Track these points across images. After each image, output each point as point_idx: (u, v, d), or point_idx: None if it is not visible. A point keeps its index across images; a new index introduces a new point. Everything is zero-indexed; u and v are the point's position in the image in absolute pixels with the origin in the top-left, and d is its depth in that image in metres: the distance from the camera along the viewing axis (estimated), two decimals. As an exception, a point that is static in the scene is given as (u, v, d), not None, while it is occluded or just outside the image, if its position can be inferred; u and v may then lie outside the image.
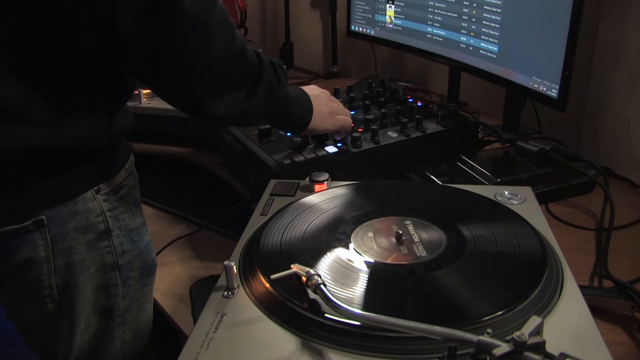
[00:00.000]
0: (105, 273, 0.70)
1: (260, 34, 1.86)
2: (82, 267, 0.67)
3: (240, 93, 0.70)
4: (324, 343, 0.47)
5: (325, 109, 0.89)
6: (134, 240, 0.72)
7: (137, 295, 0.76)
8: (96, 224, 0.67)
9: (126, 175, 0.72)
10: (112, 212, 0.69)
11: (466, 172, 0.94)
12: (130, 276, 0.73)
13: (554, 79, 0.95)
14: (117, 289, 0.72)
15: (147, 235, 0.76)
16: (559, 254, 0.60)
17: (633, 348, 0.62)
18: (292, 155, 0.89)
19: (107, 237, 0.68)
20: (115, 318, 0.74)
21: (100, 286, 0.70)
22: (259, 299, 0.53)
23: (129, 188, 0.72)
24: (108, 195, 0.68)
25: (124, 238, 0.71)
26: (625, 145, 1.06)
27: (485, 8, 1.09)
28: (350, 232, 0.63)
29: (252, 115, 0.74)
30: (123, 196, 0.71)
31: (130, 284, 0.74)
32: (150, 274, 0.78)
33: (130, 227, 0.72)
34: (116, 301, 0.73)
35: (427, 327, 0.43)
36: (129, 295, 0.74)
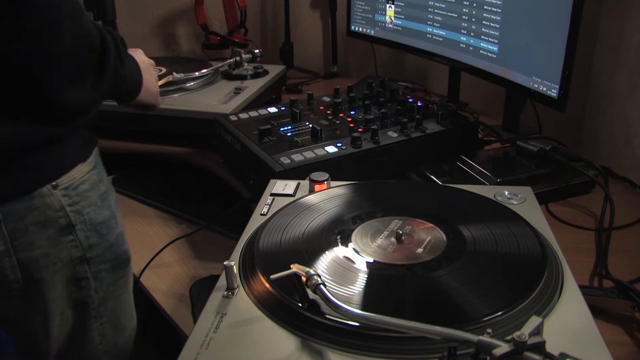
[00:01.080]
0: (74, 267, 0.71)
1: (260, 34, 1.86)
2: (46, 262, 0.68)
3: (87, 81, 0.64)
4: (324, 343, 0.47)
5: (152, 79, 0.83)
6: (101, 234, 0.73)
7: (112, 288, 0.76)
8: (56, 219, 0.67)
9: (88, 169, 0.72)
10: (73, 207, 0.69)
11: (466, 172, 0.94)
12: (102, 269, 0.74)
13: (554, 79, 0.95)
14: (89, 282, 0.73)
15: (117, 228, 0.76)
16: (559, 254, 0.60)
17: (633, 348, 0.62)
18: (292, 155, 0.89)
19: (70, 232, 0.69)
20: (90, 311, 0.74)
21: (70, 280, 0.71)
22: (259, 299, 0.53)
23: (92, 182, 0.72)
24: (67, 191, 0.68)
25: (90, 232, 0.71)
26: (625, 145, 1.06)
27: (485, 8, 1.09)
28: (350, 232, 0.63)
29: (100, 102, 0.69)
30: (86, 190, 0.71)
31: (103, 277, 0.74)
32: (123, 266, 0.78)
33: (96, 221, 0.72)
34: (89, 294, 0.73)
35: (427, 327, 0.43)
36: (103, 288, 0.75)
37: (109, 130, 1.26)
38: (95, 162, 0.74)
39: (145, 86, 0.79)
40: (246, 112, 1.09)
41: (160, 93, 1.23)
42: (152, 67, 0.85)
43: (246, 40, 1.69)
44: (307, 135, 0.97)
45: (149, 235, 1.06)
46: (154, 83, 0.83)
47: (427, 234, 0.62)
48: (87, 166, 0.72)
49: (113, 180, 1.26)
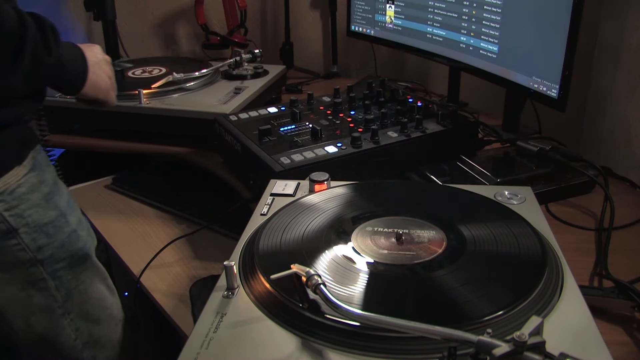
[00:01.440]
0: (27, 270, 0.71)
1: (260, 34, 1.86)
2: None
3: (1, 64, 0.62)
4: (324, 343, 0.47)
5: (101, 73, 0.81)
6: (49, 234, 0.73)
7: (74, 284, 0.77)
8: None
9: (24, 172, 0.71)
10: (11, 212, 0.68)
11: (466, 172, 0.94)
12: (58, 268, 0.74)
13: (554, 79, 0.95)
14: (47, 283, 0.73)
15: (68, 226, 0.76)
16: (559, 254, 0.60)
17: (633, 348, 0.62)
18: (292, 155, 0.89)
19: (13, 236, 0.69)
20: (56, 310, 0.75)
21: (26, 283, 0.71)
22: (259, 299, 0.53)
23: (30, 185, 0.71)
24: (2, 196, 0.68)
25: (36, 234, 0.71)
26: (625, 145, 1.06)
27: (485, 8, 1.09)
28: (350, 232, 0.63)
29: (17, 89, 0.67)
30: (24, 193, 0.70)
31: (62, 275, 0.75)
32: (82, 261, 0.78)
33: (42, 222, 0.72)
34: (51, 294, 0.74)
35: (427, 327, 0.43)
36: (64, 285, 0.75)
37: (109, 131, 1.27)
38: (32, 164, 0.72)
39: (93, 80, 0.77)
40: (246, 112, 1.09)
41: (160, 93, 1.24)
42: (105, 64, 0.83)
43: (246, 40, 1.69)
44: (307, 135, 0.97)
45: (149, 235, 1.06)
46: (105, 79, 0.81)
47: (427, 234, 0.62)
48: (24, 169, 0.71)
49: (113, 180, 1.26)
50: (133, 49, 1.77)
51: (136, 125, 1.22)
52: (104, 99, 0.82)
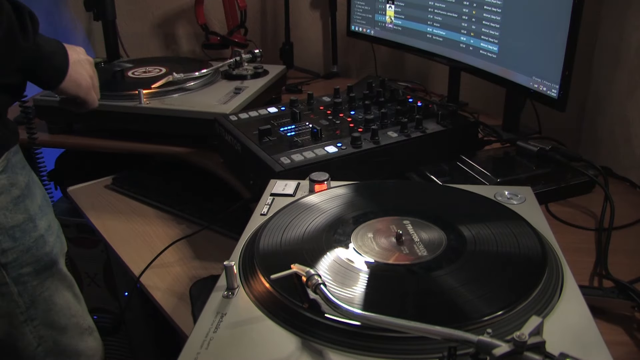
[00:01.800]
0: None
1: (260, 34, 1.86)
2: None
3: None
4: (324, 343, 0.47)
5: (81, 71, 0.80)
6: (15, 238, 0.72)
7: (39, 290, 0.75)
8: None
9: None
10: None
11: (466, 172, 0.94)
12: (23, 273, 0.73)
13: (554, 79, 0.95)
14: (9, 288, 0.72)
15: (36, 231, 0.75)
16: (559, 254, 0.60)
17: (633, 348, 0.62)
18: (292, 155, 0.89)
19: None
20: (18, 316, 0.74)
21: None
22: (259, 299, 0.53)
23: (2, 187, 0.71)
24: None
25: (1, 236, 0.70)
26: (625, 145, 1.06)
27: (485, 8, 1.09)
28: (350, 232, 0.63)
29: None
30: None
31: (26, 281, 0.73)
32: (48, 267, 0.77)
33: (8, 225, 0.71)
34: (12, 299, 0.72)
35: (427, 327, 0.43)
36: (28, 291, 0.74)
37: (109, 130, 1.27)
38: (4, 166, 0.72)
39: (73, 77, 0.77)
40: (246, 112, 1.09)
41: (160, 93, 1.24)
42: (88, 63, 0.82)
43: (246, 40, 1.70)
44: (307, 135, 0.97)
45: (149, 235, 1.06)
46: (86, 77, 0.81)
47: (427, 234, 0.62)
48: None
49: (113, 180, 1.26)
50: (133, 49, 1.77)
51: (136, 125, 1.22)
52: (84, 98, 0.82)
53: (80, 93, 0.80)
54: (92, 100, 0.83)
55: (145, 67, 1.41)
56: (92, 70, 0.83)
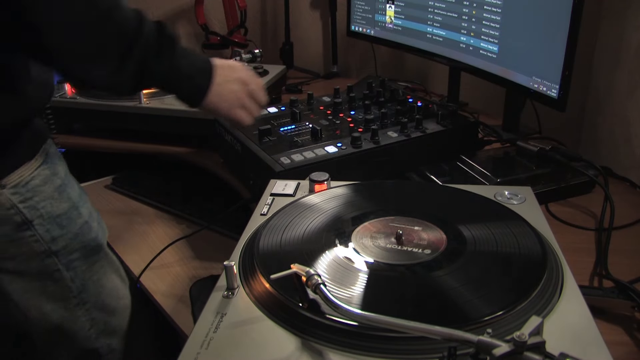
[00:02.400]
0: (42, 261, 0.73)
1: (260, 34, 1.86)
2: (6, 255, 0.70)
3: (107, 63, 0.64)
4: (324, 343, 0.47)
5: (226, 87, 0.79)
6: (62, 226, 0.74)
7: (89, 274, 0.79)
8: (9, 216, 0.69)
9: (37, 165, 0.73)
10: (26, 203, 0.70)
11: (466, 172, 0.94)
12: (73, 259, 0.76)
13: (554, 79, 0.95)
14: (62, 274, 0.75)
15: (80, 217, 0.78)
16: (559, 254, 0.60)
17: (633, 348, 0.62)
18: (292, 155, 0.89)
19: (28, 227, 0.71)
20: (71, 300, 0.77)
21: (42, 274, 0.73)
22: (259, 299, 0.53)
23: (44, 177, 0.73)
24: (17, 188, 0.69)
25: (50, 225, 0.73)
26: (625, 145, 1.06)
27: (485, 8, 1.09)
28: (350, 232, 0.63)
29: (124, 87, 0.68)
30: (38, 185, 0.72)
31: (76, 266, 0.77)
32: (96, 252, 0.80)
33: (55, 214, 0.73)
34: (66, 285, 0.76)
35: (427, 327, 0.43)
36: (79, 276, 0.77)
37: (109, 130, 1.27)
38: (45, 157, 0.75)
39: (214, 97, 0.76)
40: (246, 112, 1.08)
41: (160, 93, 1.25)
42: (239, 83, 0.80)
43: (246, 40, 1.69)
44: (307, 135, 0.97)
45: (149, 235, 1.06)
46: (230, 98, 0.79)
47: (427, 234, 0.62)
48: (36, 162, 0.73)
49: (113, 180, 1.26)
50: (133, 49, 1.77)
51: (136, 125, 1.22)
52: (226, 116, 0.81)
53: (221, 112, 0.80)
54: (236, 119, 0.81)
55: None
56: (241, 89, 0.81)
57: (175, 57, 0.70)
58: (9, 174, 0.69)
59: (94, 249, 0.80)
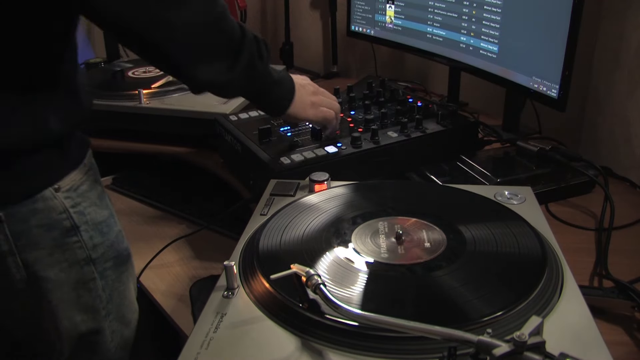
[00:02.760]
0: (81, 268, 0.71)
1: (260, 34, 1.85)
2: (51, 261, 0.68)
3: (222, 62, 0.71)
4: (324, 343, 0.47)
5: (308, 99, 0.88)
6: (103, 233, 0.74)
7: (117, 285, 0.77)
8: (60, 221, 0.68)
9: (85, 170, 0.73)
10: (75, 209, 0.70)
11: (466, 172, 0.94)
12: (106, 267, 0.75)
13: (554, 79, 0.95)
14: (96, 283, 0.74)
15: (116, 226, 0.77)
16: (559, 254, 0.60)
17: (633, 348, 0.62)
18: (292, 155, 0.89)
19: (75, 233, 0.70)
20: (101, 311, 0.75)
21: (79, 282, 0.72)
22: (259, 299, 0.53)
23: (90, 183, 0.73)
24: (69, 193, 0.69)
25: (93, 232, 0.72)
26: (625, 145, 1.06)
27: (485, 8, 1.09)
28: (350, 232, 0.63)
29: (232, 87, 0.76)
30: (85, 191, 0.72)
31: (108, 275, 0.75)
32: (124, 262, 0.79)
33: (97, 221, 0.73)
34: (97, 294, 0.74)
35: (427, 327, 0.43)
36: (109, 286, 0.76)
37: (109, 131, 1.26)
38: (90, 163, 0.75)
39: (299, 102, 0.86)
40: (246, 112, 1.09)
41: (160, 93, 1.25)
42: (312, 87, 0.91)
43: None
44: (307, 135, 0.97)
45: (149, 235, 1.06)
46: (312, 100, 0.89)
47: (427, 234, 0.62)
48: (85, 167, 0.73)
49: (113, 180, 1.26)
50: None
51: (136, 125, 1.22)
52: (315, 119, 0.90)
53: (309, 115, 0.88)
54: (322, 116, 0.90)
55: (145, 67, 1.41)
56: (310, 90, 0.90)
57: (268, 63, 0.79)
58: (64, 178, 0.69)
59: (124, 259, 0.79)
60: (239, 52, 0.72)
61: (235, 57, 0.72)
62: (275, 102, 0.85)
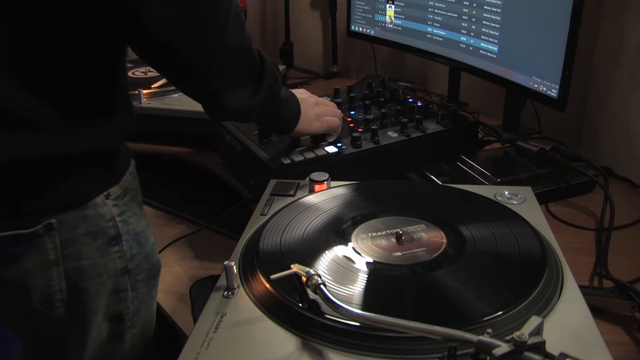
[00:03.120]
0: (117, 278, 0.69)
1: (260, 34, 1.86)
2: (92, 272, 0.66)
3: (247, 87, 0.73)
4: (324, 343, 0.47)
5: (312, 112, 0.90)
6: (141, 244, 0.72)
7: (145, 298, 0.75)
8: (107, 229, 0.66)
9: (131, 178, 0.72)
10: (121, 217, 0.68)
11: (466, 172, 0.94)
12: (139, 279, 0.73)
13: (554, 79, 0.95)
14: (127, 294, 0.71)
15: (151, 237, 0.76)
16: (559, 254, 0.60)
17: (633, 348, 0.62)
18: (292, 155, 0.89)
19: (117, 242, 0.68)
20: (125, 322, 0.73)
21: (111, 292, 0.69)
22: (259, 299, 0.53)
23: (134, 191, 0.72)
24: (117, 200, 0.67)
25: (132, 242, 0.70)
26: (625, 145, 1.06)
27: (485, 8, 1.09)
28: (350, 232, 0.63)
29: (254, 113, 0.76)
30: (130, 200, 0.70)
31: (139, 287, 0.73)
32: (155, 275, 0.77)
33: (137, 231, 0.71)
34: (126, 305, 0.72)
35: (427, 327, 0.43)
36: (138, 298, 0.73)
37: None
38: (135, 172, 0.74)
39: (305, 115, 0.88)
40: (246, 112, 1.08)
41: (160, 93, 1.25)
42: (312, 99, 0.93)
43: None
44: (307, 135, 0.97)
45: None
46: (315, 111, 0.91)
47: (427, 234, 0.62)
48: (130, 175, 0.72)
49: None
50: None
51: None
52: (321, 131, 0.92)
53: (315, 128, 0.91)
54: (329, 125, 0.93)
55: (145, 67, 1.41)
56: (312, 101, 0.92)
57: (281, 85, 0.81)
58: (114, 185, 0.67)
59: (156, 272, 0.77)
60: (260, 76, 0.74)
61: (258, 82, 0.74)
62: (283, 122, 0.86)
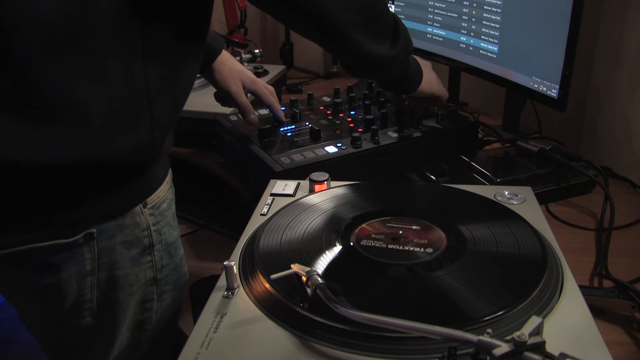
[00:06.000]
0: (145, 289, 0.69)
1: (260, 34, 1.86)
2: (124, 283, 0.65)
3: (386, 42, 0.76)
4: (324, 343, 0.47)
5: (432, 75, 0.95)
6: (171, 254, 0.71)
7: (170, 309, 0.74)
8: (141, 238, 0.66)
9: (167, 187, 0.70)
10: (155, 226, 0.67)
11: (466, 172, 0.94)
12: (165, 290, 0.72)
13: (554, 79, 0.95)
14: (153, 304, 0.71)
15: (181, 249, 0.75)
16: (559, 254, 0.60)
17: (633, 348, 0.62)
18: (292, 155, 0.89)
19: (149, 252, 0.67)
20: (147, 332, 0.72)
21: (139, 302, 0.69)
22: (259, 299, 0.53)
23: (169, 201, 0.71)
24: (153, 209, 0.67)
25: (164, 252, 0.70)
26: (625, 145, 1.06)
27: (485, 8, 1.09)
28: (350, 232, 0.63)
29: (394, 64, 0.80)
30: (165, 210, 0.69)
31: (164, 298, 0.72)
32: (182, 287, 0.76)
33: (169, 241, 0.70)
34: (149, 316, 0.71)
35: (427, 327, 0.43)
36: (162, 309, 0.72)
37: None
38: (171, 180, 0.72)
39: (427, 77, 0.92)
40: (246, 112, 1.08)
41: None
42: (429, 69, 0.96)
43: (246, 40, 1.69)
44: (307, 135, 0.97)
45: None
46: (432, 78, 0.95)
47: (427, 234, 0.62)
48: (167, 184, 0.70)
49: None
50: (133, 49, 1.77)
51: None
52: (439, 94, 0.96)
53: (435, 89, 0.95)
54: (445, 94, 0.98)
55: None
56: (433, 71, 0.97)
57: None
58: (151, 195, 0.66)
59: (182, 284, 0.75)
60: (397, 34, 0.78)
61: (395, 38, 0.77)
62: (410, 82, 0.89)
